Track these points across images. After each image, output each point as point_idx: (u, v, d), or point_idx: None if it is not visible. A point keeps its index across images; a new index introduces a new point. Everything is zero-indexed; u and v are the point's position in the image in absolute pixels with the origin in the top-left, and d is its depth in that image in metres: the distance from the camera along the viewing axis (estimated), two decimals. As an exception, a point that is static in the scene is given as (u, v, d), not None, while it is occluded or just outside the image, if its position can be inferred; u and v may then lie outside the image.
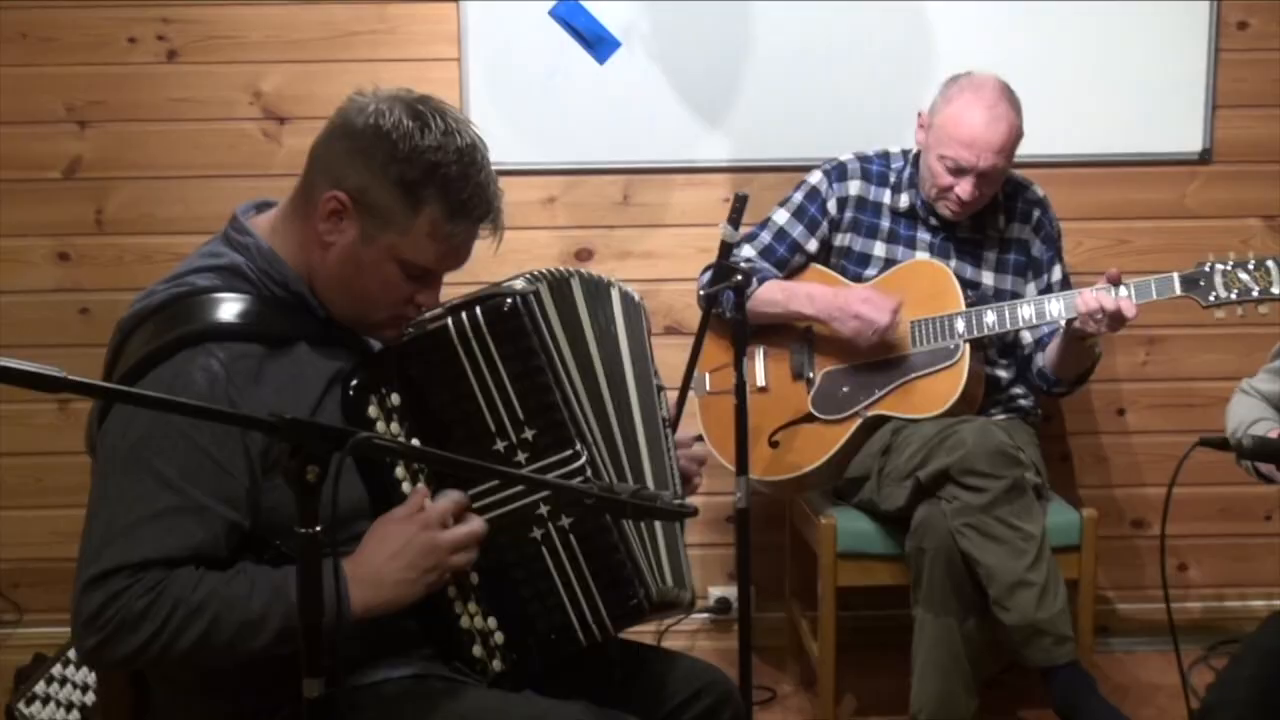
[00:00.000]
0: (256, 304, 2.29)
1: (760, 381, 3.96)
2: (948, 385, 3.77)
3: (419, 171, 2.24)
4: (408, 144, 2.23)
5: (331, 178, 2.28)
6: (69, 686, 3.76)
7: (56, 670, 3.75)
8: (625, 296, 2.60)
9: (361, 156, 2.25)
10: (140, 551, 2.12)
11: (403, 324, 2.35)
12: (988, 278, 3.95)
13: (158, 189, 4.33)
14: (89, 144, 4.31)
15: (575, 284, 2.49)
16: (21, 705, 3.63)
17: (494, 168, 2.33)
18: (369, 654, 2.32)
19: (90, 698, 3.78)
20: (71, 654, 3.78)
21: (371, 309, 2.34)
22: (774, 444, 3.91)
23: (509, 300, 2.32)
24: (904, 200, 3.96)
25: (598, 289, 2.54)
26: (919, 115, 3.92)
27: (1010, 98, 3.80)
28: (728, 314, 3.62)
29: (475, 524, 2.29)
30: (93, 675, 3.74)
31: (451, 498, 2.28)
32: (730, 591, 4.44)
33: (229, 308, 2.27)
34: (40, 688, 3.70)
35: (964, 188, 3.77)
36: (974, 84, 3.80)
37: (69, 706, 3.74)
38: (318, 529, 1.89)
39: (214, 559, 2.18)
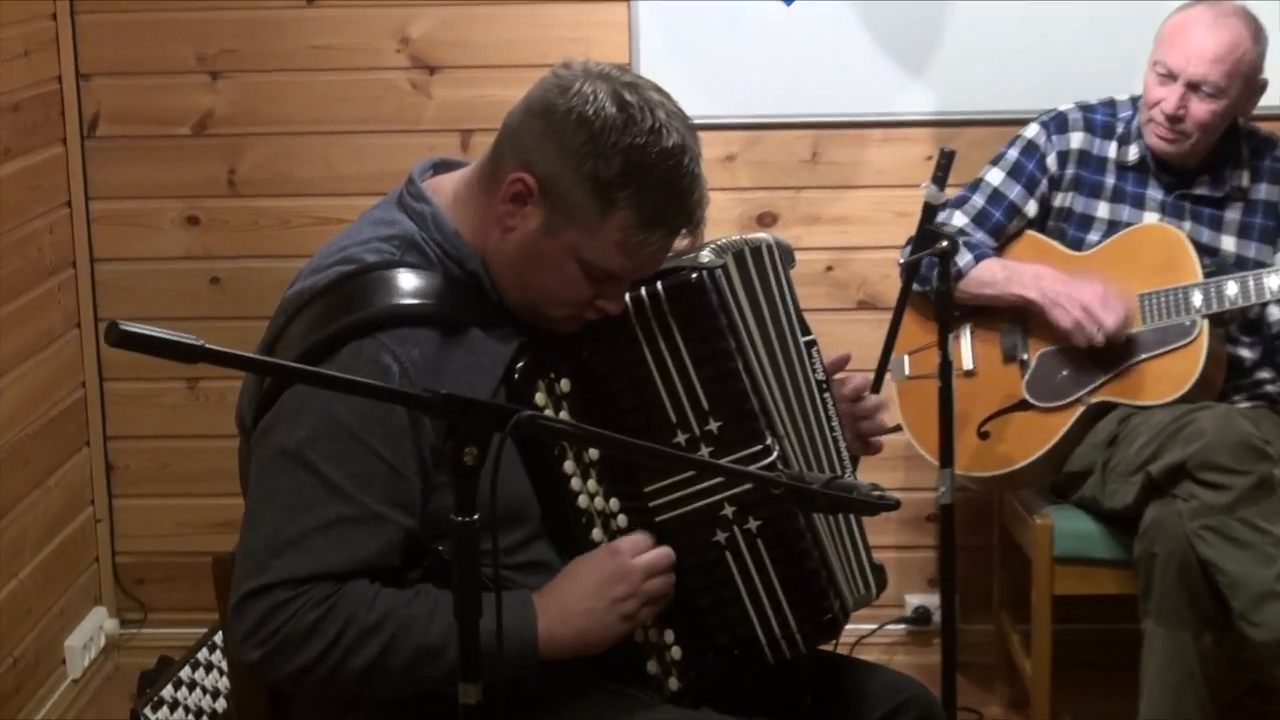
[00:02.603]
0: (434, 282, 2.30)
1: (967, 364, 3.90)
2: (1183, 367, 3.69)
3: (616, 171, 2.22)
4: (608, 138, 2.22)
5: (521, 157, 2.26)
6: (198, 691, 3.88)
7: (185, 674, 3.88)
8: (772, 251, 2.55)
9: (555, 142, 2.23)
10: (308, 565, 2.17)
11: (579, 323, 2.34)
12: (1228, 243, 3.84)
13: (295, 146, 4.35)
14: (221, 97, 4.33)
15: (748, 254, 2.48)
16: (148, 711, 3.69)
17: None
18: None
19: (221, 704, 3.92)
20: (200, 656, 3.90)
21: (547, 304, 2.33)
22: (983, 435, 3.85)
23: (694, 275, 2.33)
24: (1133, 152, 3.86)
25: (760, 255, 2.52)
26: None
27: (1247, 17, 3.71)
28: (933, 290, 3.58)
29: (668, 549, 2.34)
30: (224, 680, 3.89)
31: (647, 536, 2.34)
32: (930, 600, 4.41)
33: (401, 287, 2.27)
34: (168, 692, 3.78)
35: (1169, 99, 3.67)
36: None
37: (199, 713, 3.84)
38: (475, 516, 1.89)
39: (387, 570, 2.22)
